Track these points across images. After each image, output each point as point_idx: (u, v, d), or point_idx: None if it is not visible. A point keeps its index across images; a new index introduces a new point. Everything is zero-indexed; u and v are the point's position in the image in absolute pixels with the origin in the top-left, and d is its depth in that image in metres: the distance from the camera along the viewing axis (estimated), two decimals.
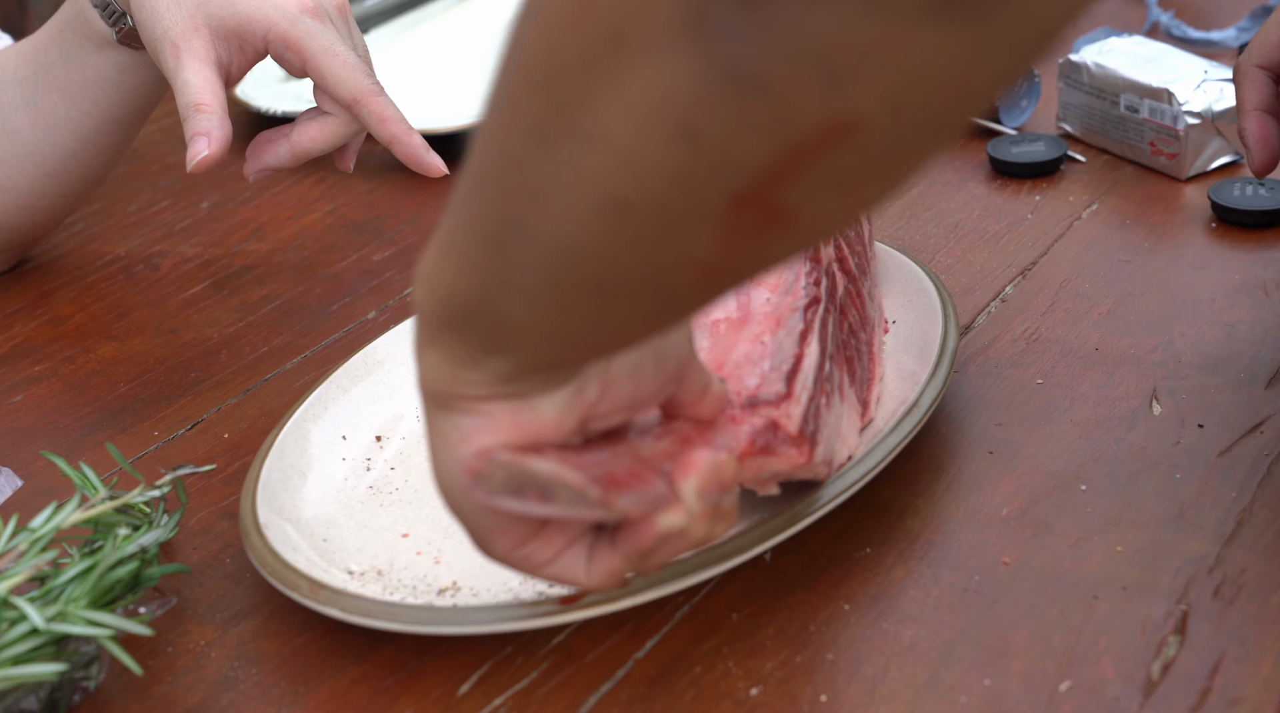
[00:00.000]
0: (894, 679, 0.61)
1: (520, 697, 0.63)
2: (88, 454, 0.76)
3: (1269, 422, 0.74)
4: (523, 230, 0.45)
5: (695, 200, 0.41)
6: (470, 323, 0.51)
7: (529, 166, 0.44)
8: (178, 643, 0.67)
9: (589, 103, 0.40)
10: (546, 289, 0.47)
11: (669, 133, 0.39)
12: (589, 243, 0.44)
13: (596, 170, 0.41)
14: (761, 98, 0.37)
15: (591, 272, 0.45)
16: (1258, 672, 0.60)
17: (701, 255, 0.43)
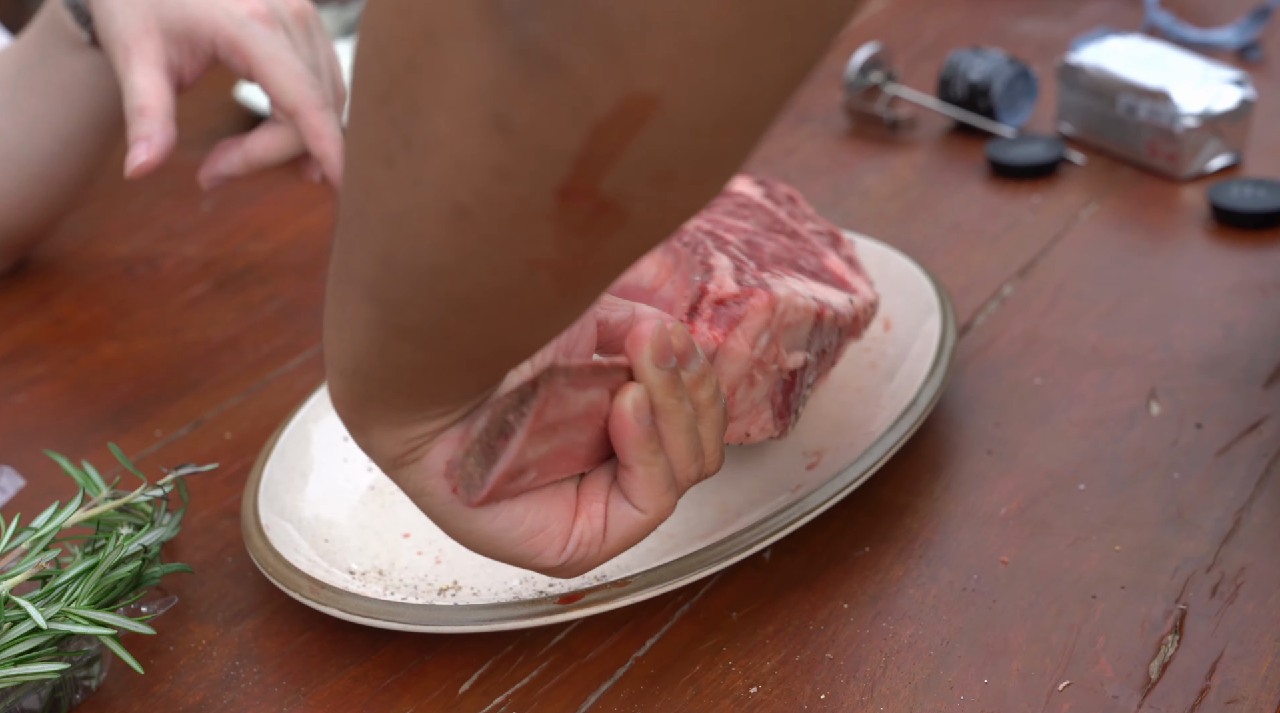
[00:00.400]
0: (893, 678, 0.61)
1: (521, 695, 0.63)
2: (90, 454, 0.76)
3: (1267, 421, 0.74)
4: (390, 264, 0.46)
5: (523, 196, 0.41)
6: (384, 389, 0.52)
7: (380, 191, 0.44)
8: (179, 642, 0.68)
9: (418, 110, 0.41)
10: (429, 324, 0.48)
11: (485, 126, 0.39)
12: (446, 260, 0.44)
13: (435, 181, 0.42)
14: (556, 78, 0.38)
15: (458, 292, 0.46)
16: (1256, 671, 0.60)
17: (547, 256, 0.43)
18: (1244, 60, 1.15)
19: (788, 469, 0.72)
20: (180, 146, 0.85)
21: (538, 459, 0.55)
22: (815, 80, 1.19)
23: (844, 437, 0.73)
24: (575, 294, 0.47)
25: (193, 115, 1.23)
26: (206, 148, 1.20)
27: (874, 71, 1.12)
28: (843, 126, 1.11)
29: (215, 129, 1.22)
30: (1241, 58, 1.15)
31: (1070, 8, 1.28)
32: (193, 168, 1.16)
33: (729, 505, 0.71)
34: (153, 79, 0.83)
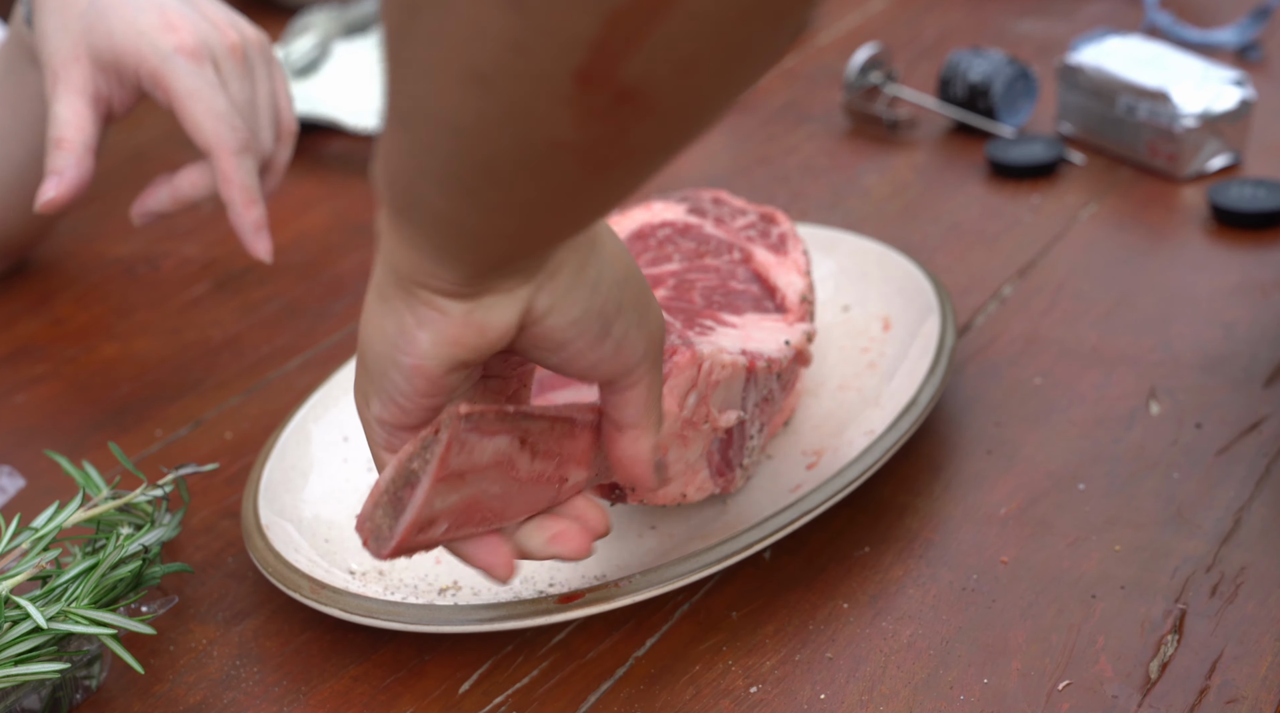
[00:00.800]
0: (893, 678, 0.61)
1: (521, 695, 0.63)
2: (90, 454, 0.76)
3: (1267, 421, 0.74)
4: (419, 109, 0.45)
5: (540, 74, 0.40)
6: (410, 211, 0.51)
7: (408, 38, 0.43)
8: (180, 642, 0.68)
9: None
10: (449, 175, 0.47)
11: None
12: (467, 122, 0.43)
13: (453, 41, 0.41)
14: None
15: (478, 154, 0.45)
16: (1256, 671, 0.60)
17: (568, 138, 0.42)
18: (1244, 60, 1.15)
19: (788, 469, 0.72)
20: (181, 147, 0.85)
21: (447, 509, 0.54)
22: (815, 80, 1.19)
23: (844, 437, 0.73)
24: (603, 180, 0.45)
25: None
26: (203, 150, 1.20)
27: (874, 71, 1.12)
28: (843, 126, 1.11)
29: None
30: (1241, 58, 1.15)
31: (1070, 8, 1.28)
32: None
33: (729, 506, 0.71)
34: (75, 109, 0.81)
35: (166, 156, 1.19)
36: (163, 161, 1.17)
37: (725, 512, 0.70)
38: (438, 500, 0.53)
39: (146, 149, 1.20)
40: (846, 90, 1.11)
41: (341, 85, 1.22)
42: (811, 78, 1.20)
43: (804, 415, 0.76)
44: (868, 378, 0.77)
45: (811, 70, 1.21)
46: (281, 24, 1.31)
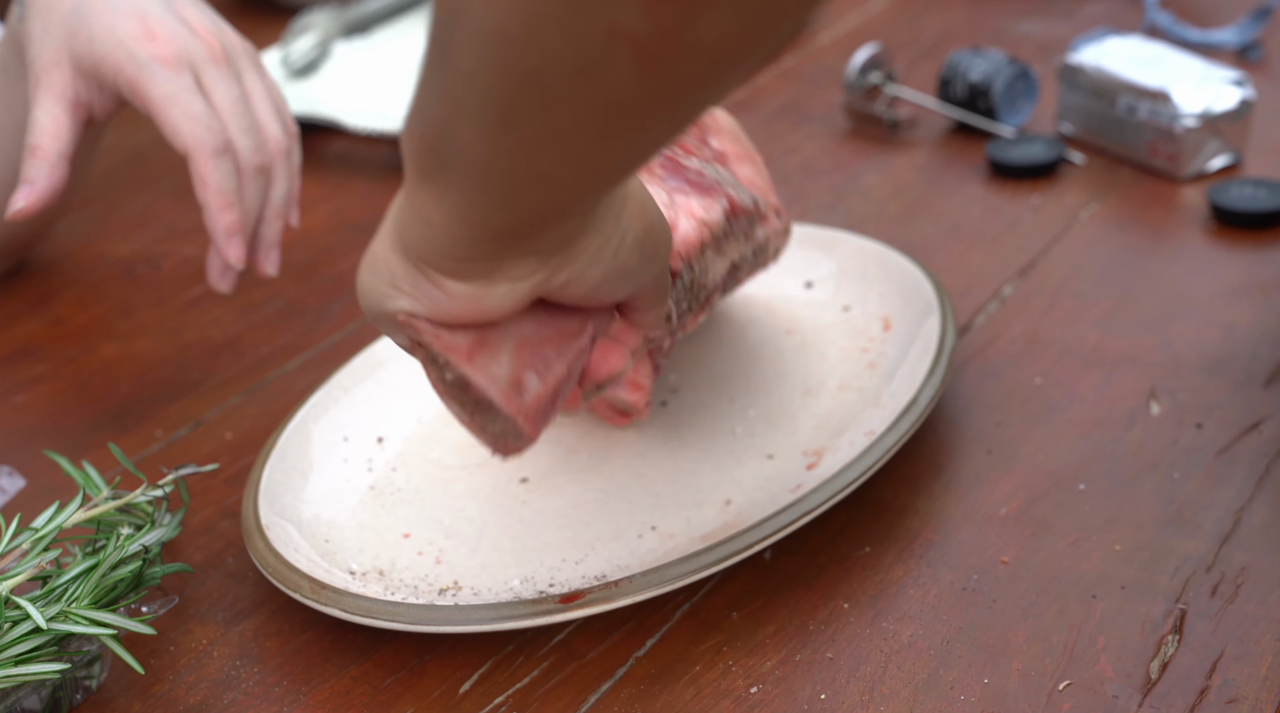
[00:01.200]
0: (893, 678, 0.61)
1: (521, 695, 0.63)
2: (90, 454, 0.76)
3: (1267, 421, 0.74)
4: (460, 25, 0.43)
5: None
6: (441, 169, 0.49)
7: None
8: (180, 642, 0.68)
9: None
10: (491, 102, 0.44)
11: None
12: (516, 25, 0.41)
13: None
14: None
15: (527, 65, 0.42)
16: (1256, 671, 0.60)
17: (630, 25, 0.40)
18: (1244, 60, 1.15)
19: (788, 469, 0.72)
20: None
21: (511, 367, 0.56)
22: (815, 80, 1.19)
23: (844, 437, 0.73)
24: (659, 87, 0.42)
25: None
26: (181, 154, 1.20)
27: (874, 72, 1.12)
28: (843, 126, 1.11)
29: None
30: (1241, 58, 1.15)
31: (1070, 8, 1.28)
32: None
33: (729, 505, 0.71)
34: (53, 115, 0.81)
35: (166, 157, 1.19)
36: (162, 162, 1.18)
37: (725, 511, 0.70)
38: (493, 367, 0.55)
39: (146, 149, 1.20)
40: (847, 90, 1.11)
41: (341, 85, 1.22)
42: (811, 78, 1.20)
43: (804, 415, 0.76)
44: (868, 378, 0.77)
45: (811, 70, 1.21)
46: (281, 24, 1.31)
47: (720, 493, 0.72)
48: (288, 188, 0.85)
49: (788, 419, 0.76)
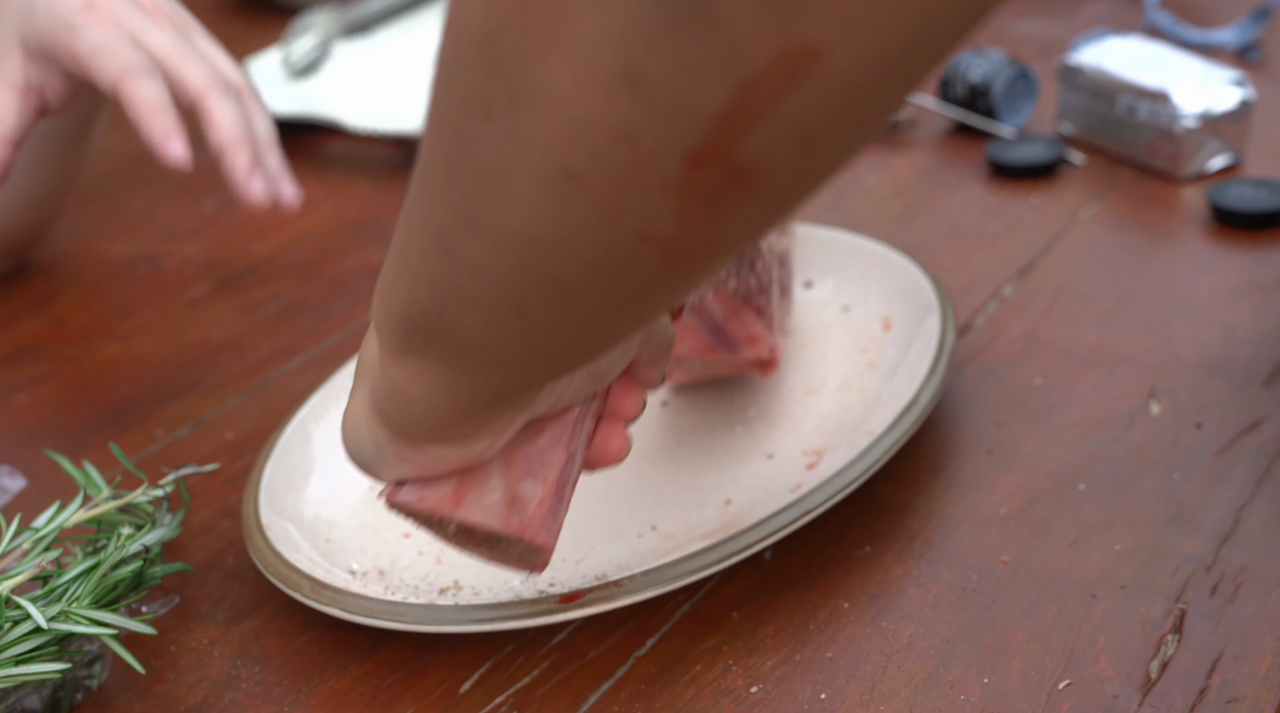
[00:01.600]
0: (893, 678, 0.61)
1: (521, 695, 0.63)
2: (91, 454, 0.76)
3: (1267, 421, 0.74)
4: (472, 224, 0.42)
5: (648, 160, 0.37)
6: (428, 347, 0.48)
7: (472, 144, 0.40)
8: (180, 642, 0.68)
9: (528, 56, 0.37)
10: (504, 296, 0.44)
11: (612, 80, 0.35)
12: (542, 229, 0.40)
13: (542, 138, 0.38)
14: (705, 27, 0.34)
15: (549, 266, 0.41)
16: (1256, 670, 0.60)
17: (660, 231, 0.39)
18: (1244, 60, 1.15)
19: (788, 469, 0.72)
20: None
21: (504, 492, 0.57)
22: None
23: (844, 437, 0.73)
24: (679, 276, 0.42)
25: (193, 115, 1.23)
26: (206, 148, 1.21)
27: None
28: None
29: None
30: (1241, 58, 1.15)
31: (1070, 8, 1.28)
32: (194, 168, 1.16)
33: (729, 505, 0.71)
34: (1, 100, 0.82)
35: None
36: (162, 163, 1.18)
37: (725, 511, 0.70)
38: (485, 499, 0.56)
39: (146, 150, 1.20)
40: None
41: (341, 85, 1.22)
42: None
43: (804, 415, 0.76)
44: (868, 378, 0.77)
45: None
46: (281, 24, 1.31)
47: (720, 493, 0.72)
48: (268, 125, 0.84)
49: (788, 419, 0.76)
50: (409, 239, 0.46)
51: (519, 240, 0.41)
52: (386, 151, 1.15)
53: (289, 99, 1.19)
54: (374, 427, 0.54)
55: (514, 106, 0.38)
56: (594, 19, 0.35)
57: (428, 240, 0.45)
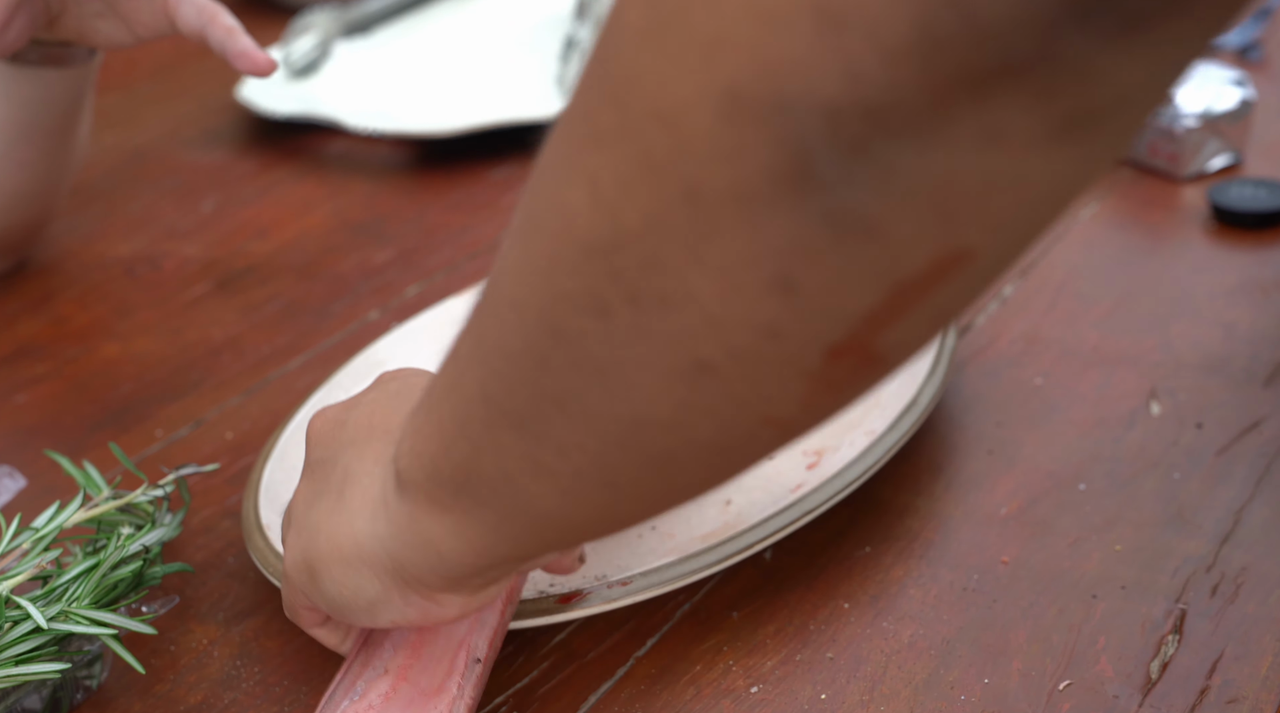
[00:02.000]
0: (893, 678, 0.61)
1: (521, 695, 0.63)
2: (91, 454, 0.76)
3: (1267, 421, 0.74)
4: (566, 408, 0.41)
5: (789, 354, 0.38)
6: (478, 508, 0.47)
7: (578, 339, 0.40)
8: (180, 642, 0.68)
9: (659, 267, 0.37)
10: (593, 472, 0.43)
11: (763, 288, 0.36)
12: (660, 414, 0.40)
13: (674, 335, 0.38)
14: (869, 241, 0.35)
15: (659, 446, 0.41)
16: (1256, 670, 0.60)
17: (786, 413, 0.40)
18: (1244, 60, 1.15)
19: (788, 469, 0.72)
20: (181, 147, 0.85)
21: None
22: None
23: (844, 437, 0.73)
24: (782, 447, 0.43)
25: (193, 115, 1.24)
26: (206, 148, 1.21)
27: None
28: None
29: (215, 129, 1.22)
30: (1241, 58, 1.15)
31: None
32: (194, 168, 1.16)
33: (729, 506, 0.71)
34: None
35: (166, 156, 1.19)
36: (162, 162, 1.18)
37: (725, 511, 0.70)
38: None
39: (146, 149, 1.20)
40: None
41: (341, 85, 1.22)
42: None
43: None
44: None
45: None
46: (281, 24, 1.31)
47: (720, 493, 0.72)
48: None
49: None
50: (468, 410, 0.45)
51: (628, 424, 0.41)
52: (386, 151, 1.15)
53: (289, 99, 1.19)
54: (380, 573, 0.52)
55: (638, 308, 0.38)
56: (745, 237, 0.35)
57: (499, 415, 0.44)
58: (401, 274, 0.98)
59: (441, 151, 1.13)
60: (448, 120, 1.12)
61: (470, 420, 0.45)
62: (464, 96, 1.18)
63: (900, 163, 0.34)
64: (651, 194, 0.36)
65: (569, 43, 1.19)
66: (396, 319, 0.91)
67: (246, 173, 1.15)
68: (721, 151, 0.34)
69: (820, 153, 0.34)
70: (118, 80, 1.23)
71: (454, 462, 0.47)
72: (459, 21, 1.33)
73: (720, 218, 0.35)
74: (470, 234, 1.02)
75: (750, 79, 0.33)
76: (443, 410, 0.47)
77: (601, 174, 0.37)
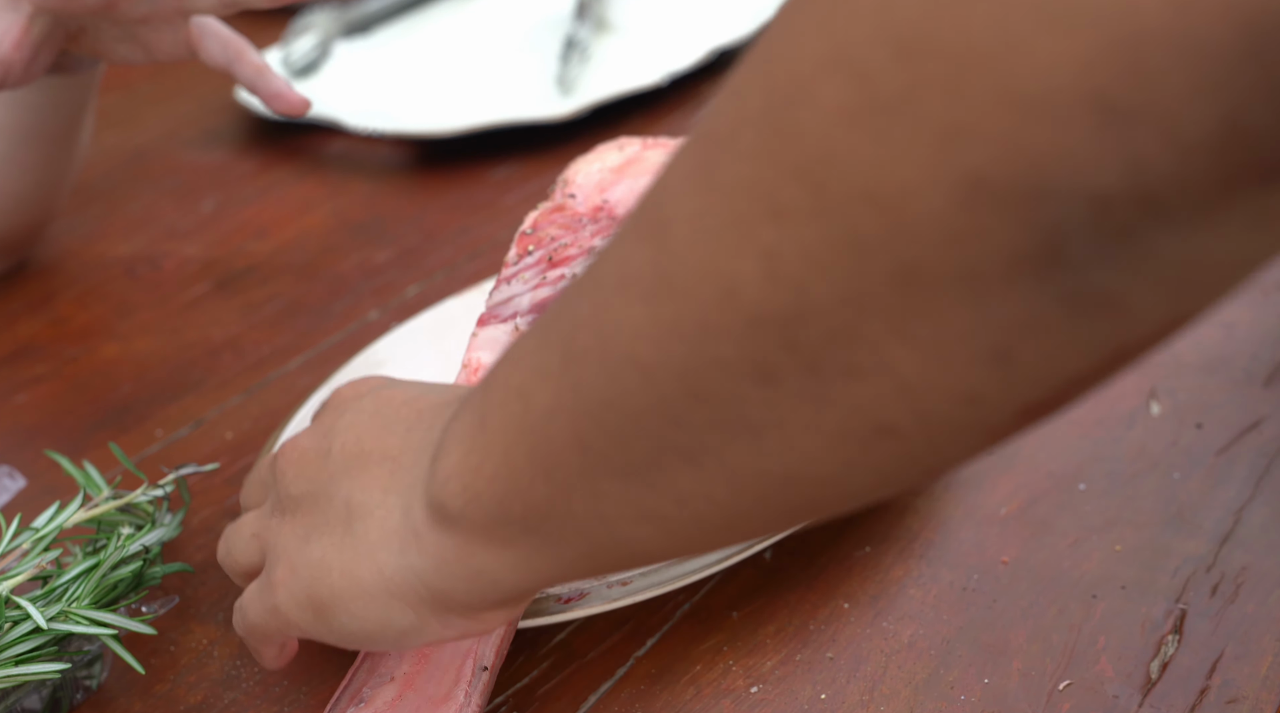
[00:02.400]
0: (893, 678, 0.61)
1: (521, 695, 0.63)
2: (91, 454, 0.76)
3: (1267, 421, 0.74)
4: (700, 463, 0.40)
5: (982, 419, 0.37)
6: (549, 546, 0.46)
7: (732, 403, 0.38)
8: (180, 642, 0.68)
9: (852, 340, 0.35)
10: (717, 518, 0.41)
11: (974, 360, 0.35)
12: (818, 473, 0.39)
13: (858, 403, 0.36)
14: (1106, 316, 0.34)
15: (804, 497, 0.40)
16: (1256, 670, 0.60)
17: (952, 464, 0.39)
18: None
19: None
20: (181, 147, 0.85)
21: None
22: None
23: None
24: None
25: (193, 115, 1.24)
26: (206, 148, 1.21)
27: None
28: None
29: (215, 129, 1.22)
30: None
31: None
32: (194, 168, 1.16)
33: None
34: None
35: (166, 156, 1.19)
36: (163, 162, 1.18)
37: None
38: None
39: (146, 149, 1.20)
40: None
41: (341, 85, 1.22)
42: None
43: None
44: None
45: None
46: (281, 24, 1.31)
47: None
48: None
49: None
50: (557, 458, 0.44)
51: (776, 480, 0.39)
52: (386, 151, 1.15)
53: None
54: (414, 603, 0.51)
55: (818, 377, 0.36)
56: (965, 316, 0.34)
57: (600, 464, 0.42)
58: (401, 274, 0.98)
59: (441, 151, 1.13)
60: (448, 120, 1.12)
61: (560, 468, 0.44)
62: (464, 96, 1.18)
63: (1163, 246, 0.33)
64: (852, 273, 0.35)
65: (569, 43, 1.19)
66: (396, 319, 0.91)
67: (246, 173, 1.15)
68: (952, 235, 0.33)
69: (1076, 238, 0.32)
70: (118, 80, 1.23)
71: (529, 504, 0.45)
72: (459, 21, 1.33)
73: (939, 298, 0.34)
74: (470, 234, 1.02)
75: (1001, 168, 0.32)
76: (515, 454, 0.45)
77: (784, 250, 0.35)
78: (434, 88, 1.21)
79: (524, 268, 0.67)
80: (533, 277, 0.66)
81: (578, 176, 0.71)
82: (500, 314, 0.65)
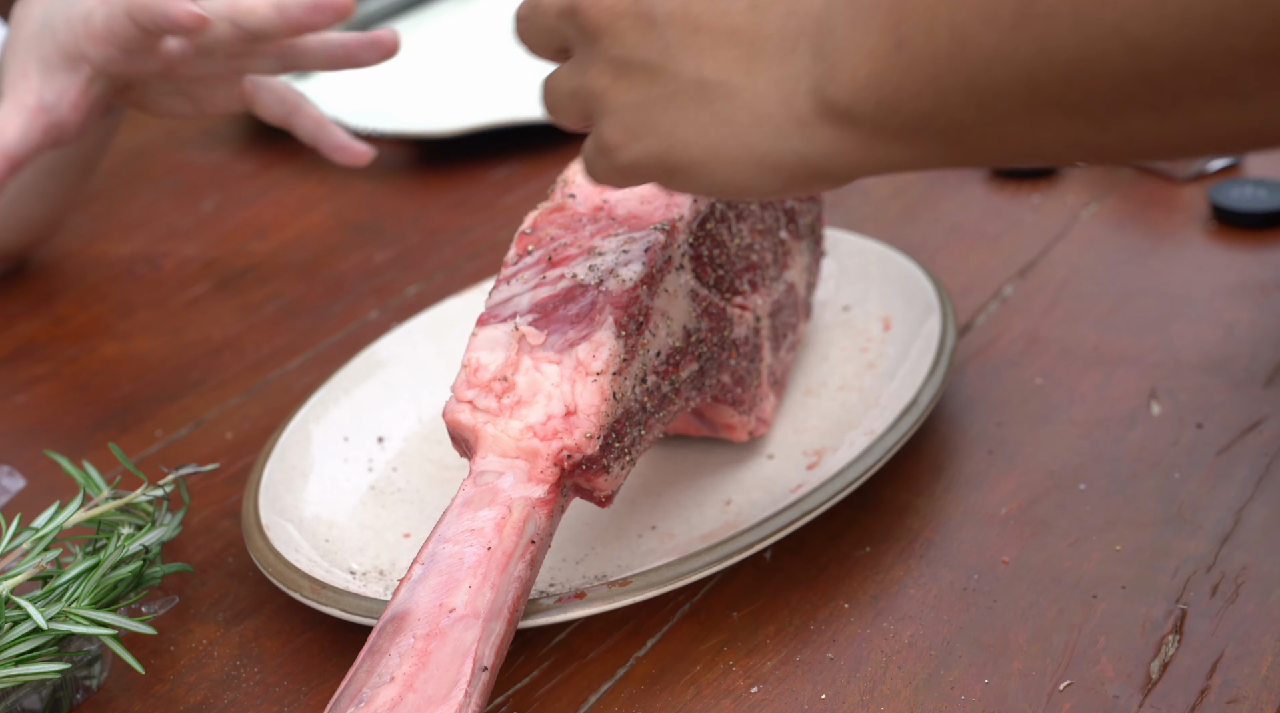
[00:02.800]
0: (894, 678, 0.61)
1: (521, 695, 0.63)
2: (91, 454, 0.76)
3: (1267, 421, 0.74)
4: (1168, 116, 0.43)
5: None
6: (959, 149, 0.49)
7: (1229, 80, 0.41)
8: (180, 642, 0.68)
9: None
10: (1158, 149, 0.45)
11: None
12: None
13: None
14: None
15: (1261, 145, 0.43)
16: (1256, 670, 0.60)
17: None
18: None
19: (788, 469, 0.72)
20: (181, 147, 0.85)
21: None
22: None
23: (844, 437, 0.73)
24: None
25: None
26: (206, 148, 1.21)
27: None
28: None
29: (215, 129, 1.22)
30: None
31: None
32: (193, 168, 1.16)
33: (729, 506, 0.71)
34: (6, 116, 0.82)
35: (166, 156, 1.19)
36: (163, 162, 1.18)
37: (725, 511, 0.70)
38: None
39: (146, 149, 1.20)
40: None
41: (341, 85, 1.22)
42: None
43: (804, 415, 0.76)
44: (868, 378, 0.77)
45: None
46: None
47: (720, 493, 0.72)
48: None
49: (788, 419, 0.76)
50: (999, 94, 0.46)
51: (1246, 134, 0.42)
52: (386, 151, 1.15)
53: None
54: (788, 176, 0.53)
55: None
56: None
57: (1051, 106, 0.45)
58: (401, 274, 0.98)
59: (441, 151, 1.13)
60: (448, 120, 1.12)
61: (1001, 102, 0.46)
62: (464, 96, 1.18)
63: None
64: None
65: None
66: (396, 319, 0.91)
67: (246, 173, 1.15)
68: None
69: None
70: None
71: (956, 123, 0.48)
72: (459, 21, 1.33)
73: None
74: (470, 234, 1.02)
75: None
76: (947, 84, 0.47)
77: None
78: (434, 88, 1.21)
79: (524, 268, 0.67)
80: (532, 277, 0.66)
81: (578, 176, 0.71)
82: (500, 314, 0.65)
